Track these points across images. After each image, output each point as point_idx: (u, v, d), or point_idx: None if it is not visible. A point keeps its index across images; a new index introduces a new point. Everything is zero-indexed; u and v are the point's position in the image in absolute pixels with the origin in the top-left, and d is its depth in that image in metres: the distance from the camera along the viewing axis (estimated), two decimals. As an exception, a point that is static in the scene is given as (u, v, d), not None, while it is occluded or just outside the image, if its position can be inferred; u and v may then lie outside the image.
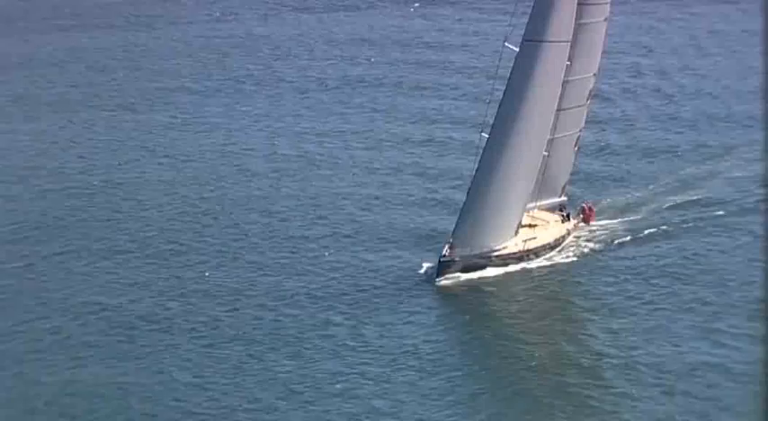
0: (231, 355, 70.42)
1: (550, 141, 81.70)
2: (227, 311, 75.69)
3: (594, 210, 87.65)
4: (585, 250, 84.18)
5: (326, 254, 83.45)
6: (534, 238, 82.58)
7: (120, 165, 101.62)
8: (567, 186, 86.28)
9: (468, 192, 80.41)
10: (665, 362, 68.99)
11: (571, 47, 78.39)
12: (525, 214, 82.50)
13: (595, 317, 74.99)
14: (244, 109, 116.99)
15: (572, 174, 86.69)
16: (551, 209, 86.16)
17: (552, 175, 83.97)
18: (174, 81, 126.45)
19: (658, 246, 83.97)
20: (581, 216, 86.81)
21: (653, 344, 71.05)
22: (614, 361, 69.49)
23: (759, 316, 73.28)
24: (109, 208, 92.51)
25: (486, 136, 79.46)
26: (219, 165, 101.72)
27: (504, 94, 78.48)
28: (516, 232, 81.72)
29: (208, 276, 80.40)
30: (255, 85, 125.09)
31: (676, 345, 70.98)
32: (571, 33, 77.88)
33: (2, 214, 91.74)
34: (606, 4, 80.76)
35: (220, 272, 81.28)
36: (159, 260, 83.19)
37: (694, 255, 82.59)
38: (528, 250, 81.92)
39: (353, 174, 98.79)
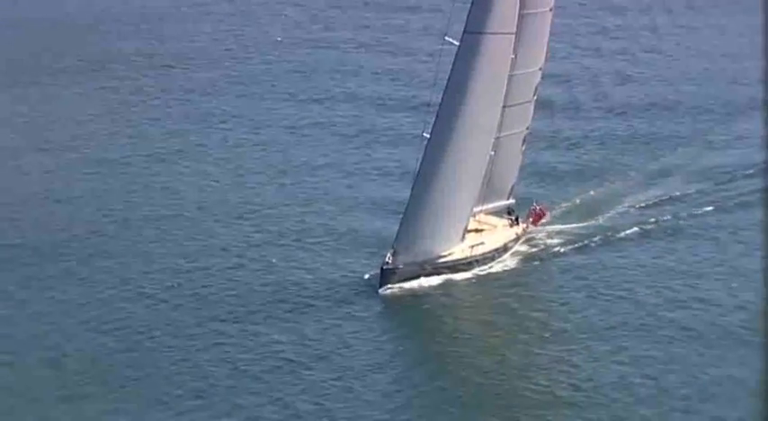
0: (171, 367, 68.41)
1: (496, 140, 79.90)
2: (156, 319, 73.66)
3: (547, 211, 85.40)
4: (535, 256, 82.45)
5: (261, 261, 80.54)
6: (482, 244, 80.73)
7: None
8: (515, 188, 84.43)
9: (410, 196, 78.45)
10: (614, 368, 68.59)
11: (515, 39, 76.12)
12: (471, 219, 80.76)
13: (543, 326, 73.51)
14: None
15: (522, 172, 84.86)
16: (499, 212, 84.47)
17: (499, 177, 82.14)
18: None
19: (611, 252, 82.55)
20: (530, 219, 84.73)
21: (601, 349, 70.33)
22: (560, 368, 68.68)
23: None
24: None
25: (428, 136, 77.36)
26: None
27: (445, 90, 76.34)
28: (462, 238, 79.90)
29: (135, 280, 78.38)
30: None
31: (622, 350, 70.66)
32: (515, 24, 75.69)
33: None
34: (551, -7, 79.19)
35: (144, 278, 78.47)
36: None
37: (643, 259, 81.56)
38: (475, 256, 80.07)
39: (287, 171, 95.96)
